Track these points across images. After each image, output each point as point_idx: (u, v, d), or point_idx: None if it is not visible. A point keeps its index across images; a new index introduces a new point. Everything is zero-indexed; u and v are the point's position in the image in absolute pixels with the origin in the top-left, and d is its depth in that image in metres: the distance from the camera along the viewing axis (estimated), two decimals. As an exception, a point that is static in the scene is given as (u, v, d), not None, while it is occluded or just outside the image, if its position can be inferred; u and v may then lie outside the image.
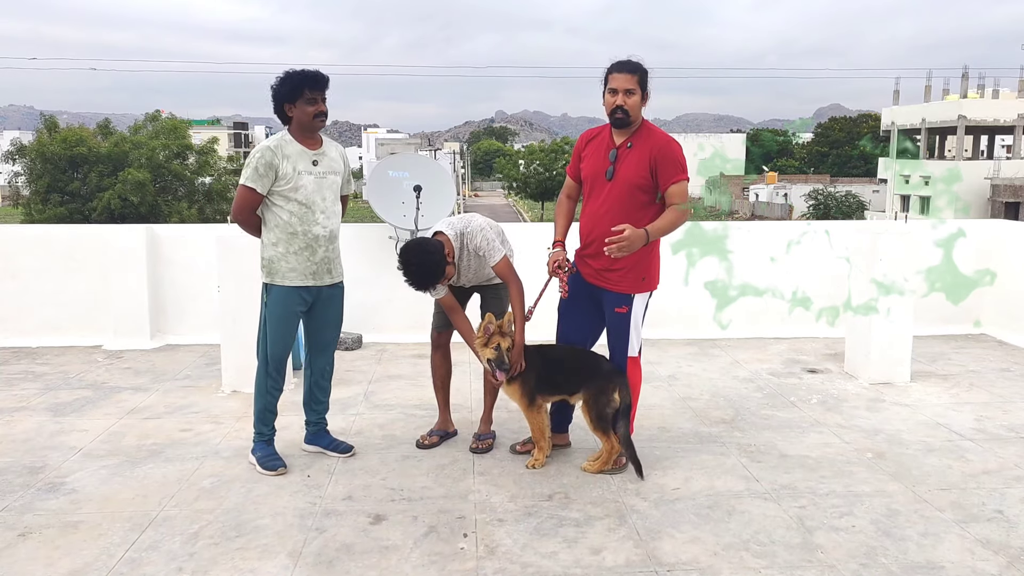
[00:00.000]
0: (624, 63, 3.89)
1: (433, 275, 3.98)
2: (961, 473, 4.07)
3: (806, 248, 7.11)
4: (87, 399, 5.30)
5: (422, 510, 3.68)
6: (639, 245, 3.79)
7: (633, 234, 3.73)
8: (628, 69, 3.87)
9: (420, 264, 3.95)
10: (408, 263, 3.96)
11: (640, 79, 3.87)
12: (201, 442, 4.54)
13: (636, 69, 3.88)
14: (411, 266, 3.95)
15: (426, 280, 3.98)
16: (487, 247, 4.15)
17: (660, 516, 3.62)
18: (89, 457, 4.30)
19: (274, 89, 4.01)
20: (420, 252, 3.97)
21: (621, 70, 3.87)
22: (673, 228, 3.93)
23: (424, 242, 4.05)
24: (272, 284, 4.12)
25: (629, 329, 4.06)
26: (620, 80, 3.86)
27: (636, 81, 3.86)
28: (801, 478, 4.02)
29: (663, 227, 3.88)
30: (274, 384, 4.18)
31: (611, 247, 3.72)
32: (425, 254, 3.97)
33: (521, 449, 4.35)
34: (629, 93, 3.85)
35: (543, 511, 3.67)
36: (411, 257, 3.96)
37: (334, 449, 4.33)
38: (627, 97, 3.85)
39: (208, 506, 3.71)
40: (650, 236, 3.82)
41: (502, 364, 4.03)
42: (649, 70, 3.91)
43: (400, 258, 4.00)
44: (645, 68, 3.91)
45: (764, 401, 5.27)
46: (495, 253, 4.16)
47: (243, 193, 4.03)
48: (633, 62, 3.90)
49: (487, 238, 4.15)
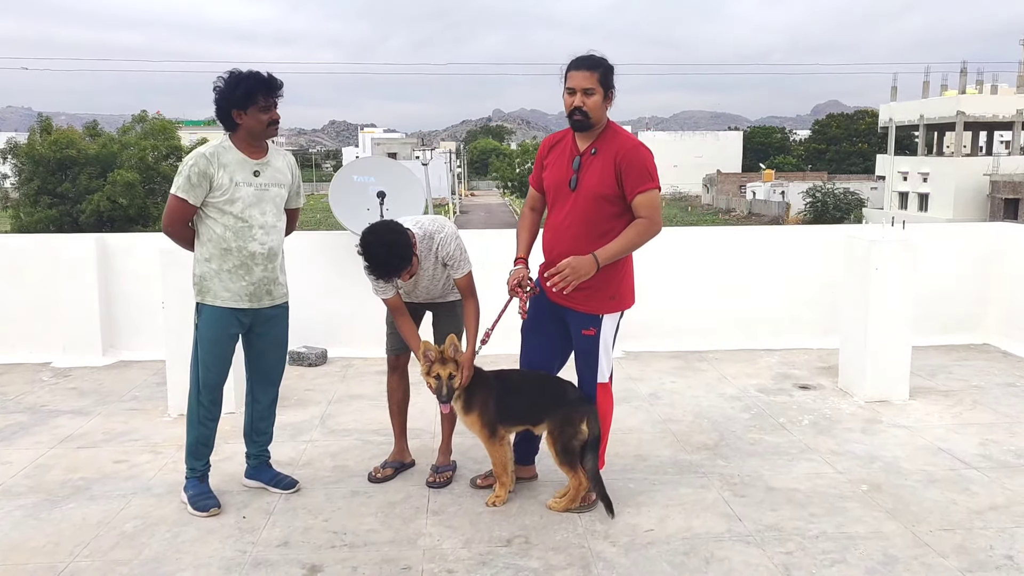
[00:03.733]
0: (582, 59, 3.48)
1: (401, 259, 3.53)
2: (966, 510, 3.68)
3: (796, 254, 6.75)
4: (20, 425, 4.90)
5: (364, 559, 3.29)
6: (588, 273, 3.40)
7: (578, 264, 3.37)
8: (587, 66, 3.46)
9: (388, 245, 3.50)
10: (374, 243, 3.50)
11: (601, 77, 3.47)
12: (134, 475, 4.15)
13: (596, 65, 3.47)
14: (378, 247, 3.49)
15: (391, 264, 3.53)
16: (458, 257, 3.77)
17: (629, 565, 3.23)
18: (6, 495, 3.90)
19: (221, 93, 3.60)
20: (389, 232, 3.54)
21: (579, 67, 3.47)
22: (633, 248, 3.52)
23: (393, 223, 3.62)
24: (204, 304, 3.73)
25: (598, 353, 3.66)
26: (577, 78, 3.46)
27: (596, 79, 3.45)
28: (788, 516, 3.64)
29: (617, 250, 3.48)
30: (207, 414, 3.79)
31: (553, 280, 3.37)
32: (394, 234, 3.54)
33: (482, 483, 3.96)
34: (588, 93, 3.45)
35: (499, 559, 3.28)
36: (378, 237, 3.52)
37: (276, 484, 3.94)
38: (586, 97, 3.45)
39: (125, 556, 3.32)
40: (600, 262, 3.43)
41: (441, 395, 3.64)
42: (614, 66, 3.50)
43: (364, 238, 3.54)
44: (608, 64, 3.49)
45: (751, 423, 4.88)
46: (464, 265, 3.80)
47: (173, 203, 3.64)
48: (594, 58, 3.49)
49: (460, 247, 3.78)
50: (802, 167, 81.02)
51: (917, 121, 48.95)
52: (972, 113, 45.53)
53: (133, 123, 34.68)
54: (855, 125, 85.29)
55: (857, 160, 79.99)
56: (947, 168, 44.70)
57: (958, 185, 42.95)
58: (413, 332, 3.90)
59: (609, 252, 3.45)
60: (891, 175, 49.24)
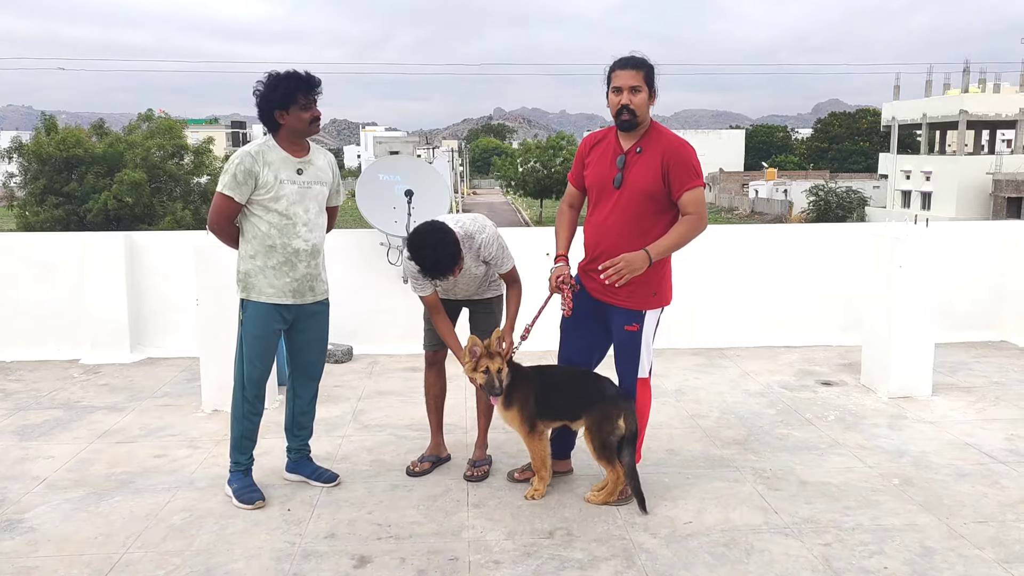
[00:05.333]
0: (628, 59, 3.55)
1: (451, 258, 3.63)
2: (997, 503, 3.75)
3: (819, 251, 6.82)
4: (58, 420, 4.97)
5: (411, 550, 3.36)
6: (641, 268, 3.48)
7: (632, 258, 3.44)
8: (633, 65, 3.53)
9: (437, 245, 3.59)
10: (423, 245, 3.59)
11: (646, 75, 3.53)
12: (175, 470, 4.22)
13: (641, 65, 3.54)
14: (427, 248, 3.59)
15: (443, 264, 3.62)
16: (500, 256, 3.88)
17: (672, 556, 3.30)
18: (52, 489, 3.97)
19: (262, 96, 3.66)
20: (437, 232, 3.63)
21: (625, 66, 3.53)
22: (683, 244, 3.59)
23: (439, 224, 3.70)
24: (248, 300, 3.80)
25: (640, 348, 3.73)
26: (624, 77, 3.52)
27: (642, 78, 3.52)
28: (824, 509, 3.70)
29: (669, 245, 3.55)
30: (251, 409, 3.85)
31: (608, 274, 3.45)
32: (442, 234, 3.63)
33: (520, 477, 4.02)
34: (635, 91, 3.51)
35: (543, 551, 3.35)
36: (427, 239, 3.61)
37: (317, 478, 4.01)
38: (633, 95, 3.51)
39: (176, 547, 3.39)
40: (652, 257, 3.50)
41: (493, 388, 3.71)
42: (655, 66, 3.58)
43: (413, 241, 3.63)
44: (651, 63, 3.56)
45: (778, 418, 4.94)
46: (507, 262, 3.91)
47: (220, 201, 3.71)
48: (638, 57, 3.56)
49: (502, 246, 3.88)
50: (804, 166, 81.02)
51: (920, 120, 48.94)
52: (975, 112, 45.51)
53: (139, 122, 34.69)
54: (857, 124, 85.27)
55: (859, 159, 80.00)
56: (950, 167, 44.71)
57: (961, 184, 42.97)
58: (450, 330, 3.97)
59: (661, 247, 3.53)
60: (894, 174, 49.24)
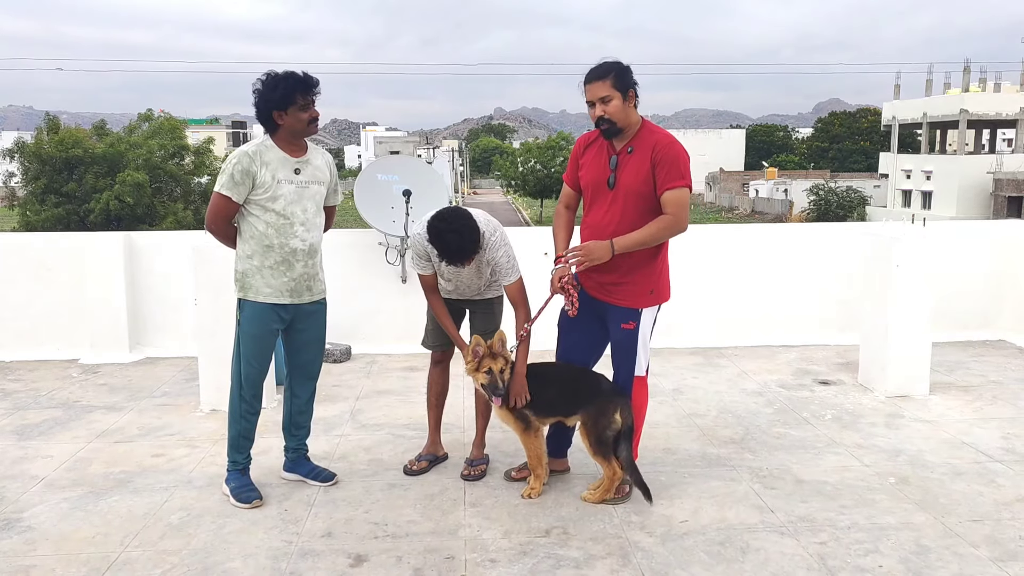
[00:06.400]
0: (593, 70, 3.58)
1: (474, 243, 3.62)
2: (993, 501, 3.76)
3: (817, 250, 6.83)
4: (56, 420, 4.98)
5: (407, 549, 3.37)
6: (601, 258, 3.55)
7: (594, 247, 3.55)
8: (597, 76, 3.55)
9: (463, 231, 3.58)
10: (449, 229, 3.57)
11: (615, 81, 3.53)
12: (173, 469, 4.23)
13: (605, 73, 3.54)
14: (453, 233, 3.56)
15: (465, 249, 3.60)
16: (505, 264, 3.83)
17: (667, 554, 3.31)
18: (51, 488, 3.99)
19: (260, 96, 3.67)
20: (459, 218, 3.62)
21: (589, 80, 3.57)
22: (651, 242, 3.60)
23: (463, 210, 3.69)
24: (246, 300, 3.81)
25: (637, 346, 3.74)
26: (592, 90, 3.56)
27: (610, 85, 3.52)
28: (819, 508, 3.71)
29: (636, 241, 3.57)
30: (249, 408, 3.87)
31: (567, 257, 3.58)
32: (464, 219, 3.62)
33: (517, 476, 4.04)
34: (605, 100, 3.53)
35: (540, 549, 3.36)
36: (453, 223, 3.59)
37: (315, 477, 4.02)
38: (605, 105, 3.53)
39: (174, 546, 3.40)
40: (616, 249, 3.55)
41: (496, 389, 3.72)
42: (628, 66, 3.58)
43: (437, 224, 3.61)
44: (621, 66, 3.57)
45: (775, 417, 4.95)
46: (512, 273, 3.85)
47: (217, 201, 3.72)
48: (603, 65, 3.57)
49: (508, 254, 3.83)
50: (804, 165, 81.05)
51: (920, 119, 48.93)
52: (975, 111, 45.51)
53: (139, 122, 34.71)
54: (857, 123, 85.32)
55: (859, 158, 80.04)
56: (950, 166, 44.71)
57: (961, 183, 42.97)
58: (445, 312, 3.96)
59: (626, 242, 3.55)
60: (895, 173, 49.23)
